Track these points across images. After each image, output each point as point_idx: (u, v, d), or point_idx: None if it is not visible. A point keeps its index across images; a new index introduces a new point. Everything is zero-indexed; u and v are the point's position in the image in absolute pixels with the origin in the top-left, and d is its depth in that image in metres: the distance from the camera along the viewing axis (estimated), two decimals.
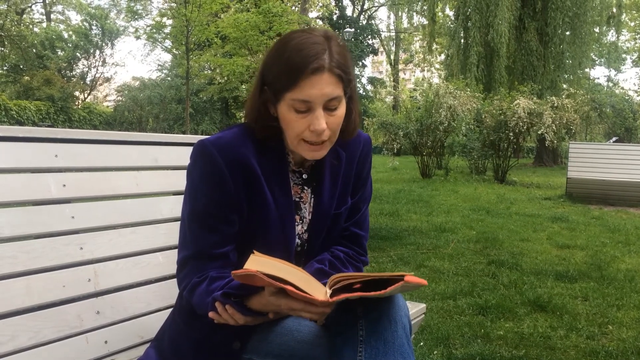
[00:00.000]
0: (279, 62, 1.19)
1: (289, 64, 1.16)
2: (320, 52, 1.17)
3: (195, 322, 1.28)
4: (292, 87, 1.16)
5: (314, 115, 1.18)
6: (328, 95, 1.17)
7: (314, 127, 1.18)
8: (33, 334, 1.28)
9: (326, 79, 1.16)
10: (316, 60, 1.15)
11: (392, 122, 12.56)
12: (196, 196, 1.25)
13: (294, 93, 1.16)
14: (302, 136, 1.21)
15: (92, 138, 1.50)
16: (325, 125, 1.18)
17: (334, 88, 1.18)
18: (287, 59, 1.17)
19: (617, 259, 4.79)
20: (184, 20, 15.62)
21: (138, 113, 31.17)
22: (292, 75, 1.16)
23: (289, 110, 1.19)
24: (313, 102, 1.17)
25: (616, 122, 20.66)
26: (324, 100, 1.17)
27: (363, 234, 1.44)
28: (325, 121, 1.19)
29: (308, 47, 1.17)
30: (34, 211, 1.34)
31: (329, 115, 1.19)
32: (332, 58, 1.18)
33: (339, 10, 35.01)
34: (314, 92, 1.16)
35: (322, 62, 1.16)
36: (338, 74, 1.18)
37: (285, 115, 1.20)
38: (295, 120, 1.19)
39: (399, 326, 1.15)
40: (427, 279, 3.93)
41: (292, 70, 1.16)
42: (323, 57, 1.16)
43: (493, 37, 16.60)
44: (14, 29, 31.11)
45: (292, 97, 1.17)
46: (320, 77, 1.16)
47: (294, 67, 1.16)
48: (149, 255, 1.59)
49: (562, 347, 2.77)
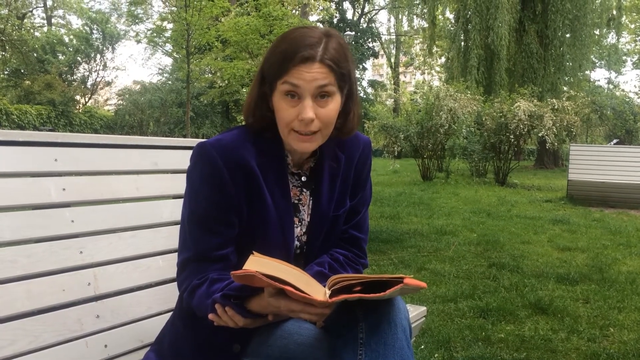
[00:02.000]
0: (275, 53, 1.22)
1: (283, 54, 1.19)
2: (315, 44, 1.19)
3: (195, 325, 1.28)
4: (283, 73, 1.19)
5: (302, 104, 1.19)
6: (317, 83, 1.18)
7: (302, 115, 1.19)
8: (33, 338, 1.28)
9: (316, 68, 1.18)
10: (308, 50, 1.18)
11: (393, 124, 12.56)
12: (196, 198, 1.25)
13: (284, 79, 1.19)
14: (291, 125, 1.21)
15: (92, 142, 1.50)
16: (314, 115, 1.19)
17: (324, 78, 1.19)
18: (283, 50, 1.20)
19: (618, 261, 4.78)
20: (184, 24, 15.65)
21: (139, 117, 31.21)
22: (284, 62, 1.19)
23: (280, 98, 1.21)
24: (301, 88, 1.18)
25: (617, 124, 20.65)
26: (313, 88, 1.18)
27: (362, 237, 1.44)
28: (315, 112, 1.19)
29: (304, 39, 1.20)
30: (34, 215, 1.33)
31: (319, 106, 1.20)
32: (326, 50, 1.20)
33: (339, 14, 35.07)
34: (302, 77, 1.18)
35: (313, 52, 1.18)
36: (329, 65, 1.19)
37: (277, 104, 1.22)
38: (285, 109, 1.21)
39: (399, 329, 1.15)
40: (428, 281, 3.93)
41: (285, 58, 1.19)
42: (316, 49, 1.19)
43: (493, 39, 16.60)
44: (15, 33, 31.14)
45: (282, 82, 1.19)
46: (311, 65, 1.18)
47: (287, 55, 1.19)
48: (149, 258, 1.59)
49: (563, 350, 2.76)
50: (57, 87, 29.83)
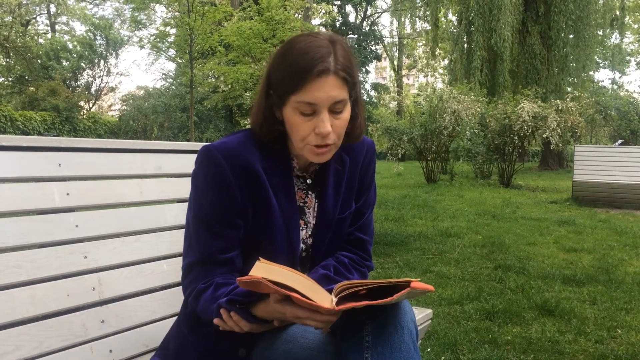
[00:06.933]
0: (285, 65, 1.19)
1: (295, 67, 1.16)
2: (326, 55, 1.16)
3: (200, 329, 1.28)
4: (297, 89, 1.16)
5: (319, 118, 1.17)
6: (334, 98, 1.17)
7: (319, 130, 1.17)
8: (37, 343, 1.28)
9: (331, 81, 1.16)
10: (322, 63, 1.15)
11: (397, 127, 12.53)
12: (201, 201, 1.24)
13: (299, 96, 1.16)
14: (307, 139, 1.20)
15: (95, 147, 1.50)
16: (331, 128, 1.18)
17: (340, 91, 1.17)
18: (293, 62, 1.17)
19: (625, 262, 4.75)
20: (187, 29, 15.68)
21: (143, 122, 31.26)
22: (297, 77, 1.15)
23: (294, 113, 1.19)
24: (319, 104, 1.16)
25: (621, 124, 20.54)
26: (330, 103, 1.17)
27: (367, 239, 1.43)
28: (330, 124, 1.18)
29: (313, 50, 1.17)
30: (38, 220, 1.33)
31: (334, 118, 1.19)
32: (337, 61, 1.17)
33: (341, 17, 35.13)
34: (319, 94, 1.15)
35: (327, 65, 1.16)
36: (343, 77, 1.18)
37: (290, 118, 1.20)
38: (300, 123, 1.19)
39: (405, 331, 1.14)
40: (434, 284, 3.91)
41: (298, 73, 1.16)
42: (328, 60, 1.16)
43: (496, 41, 16.57)
44: (19, 40, 31.30)
45: (298, 100, 1.16)
46: (326, 79, 1.15)
47: (300, 70, 1.15)
48: (154, 263, 1.59)
49: (570, 352, 2.74)
50: (61, 93, 29.92)
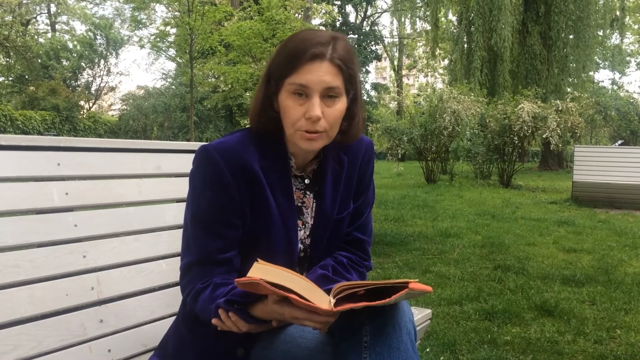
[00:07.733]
0: (284, 52, 1.22)
1: (292, 51, 1.20)
2: (324, 44, 1.20)
3: (199, 329, 1.28)
4: (292, 71, 1.19)
5: (311, 102, 1.19)
6: (326, 83, 1.18)
7: (310, 114, 1.18)
8: (36, 343, 1.28)
9: (326, 67, 1.18)
10: (318, 48, 1.18)
11: (396, 127, 12.52)
12: (199, 201, 1.24)
13: (292, 77, 1.19)
14: (297, 124, 1.21)
15: (94, 146, 1.50)
16: (321, 113, 1.19)
17: (333, 78, 1.19)
18: (291, 48, 1.21)
19: (625, 262, 4.76)
20: (187, 29, 15.68)
21: (143, 122, 31.24)
22: (293, 60, 1.19)
23: (287, 96, 1.21)
24: (310, 87, 1.18)
25: (621, 125, 20.52)
26: (322, 88, 1.18)
27: (366, 239, 1.43)
28: (322, 111, 1.19)
29: (313, 39, 1.20)
30: (37, 220, 1.33)
31: (326, 106, 1.20)
32: (335, 50, 1.20)
33: (342, 17, 35.13)
34: (311, 77, 1.18)
35: (323, 50, 1.19)
36: (338, 65, 1.20)
37: (283, 103, 1.22)
38: (292, 107, 1.20)
39: (403, 332, 1.14)
40: (433, 284, 3.91)
41: (294, 56, 1.19)
42: (326, 47, 1.19)
43: (496, 41, 16.56)
44: (19, 39, 31.26)
45: (291, 82, 1.19)
46: (320, 64, 1.18)
47: (296, 53, 1.19)
48: (152, 263, 1.59)
49: (569, 352, 2.74)
50: (61, 93, 29.90)
